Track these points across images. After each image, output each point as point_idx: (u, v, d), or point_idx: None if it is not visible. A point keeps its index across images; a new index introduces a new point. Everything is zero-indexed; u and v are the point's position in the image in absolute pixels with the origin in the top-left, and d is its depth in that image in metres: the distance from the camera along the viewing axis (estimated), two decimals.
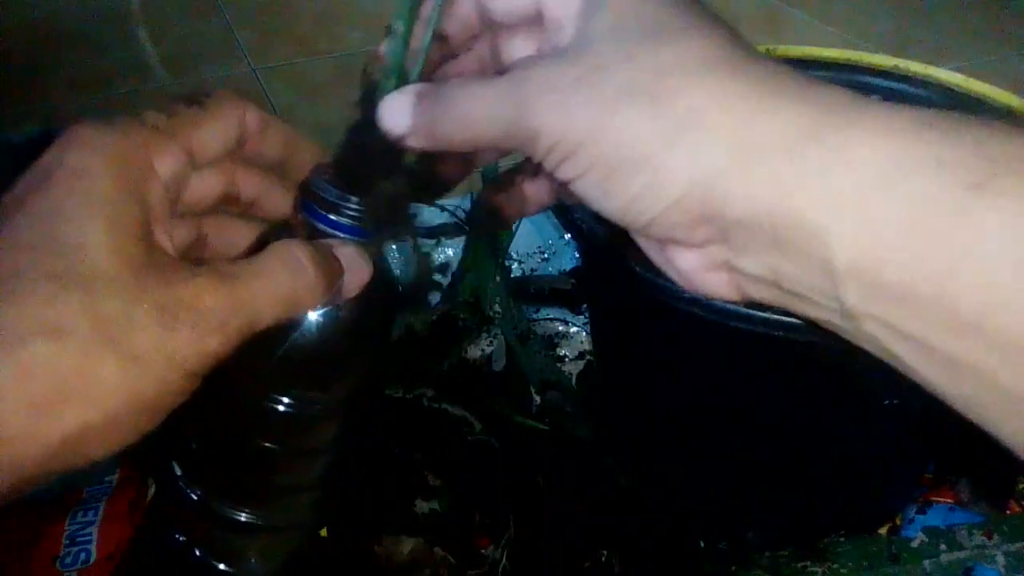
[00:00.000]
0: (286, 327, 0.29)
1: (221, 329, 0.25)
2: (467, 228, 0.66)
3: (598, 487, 0.52)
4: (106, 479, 0.54)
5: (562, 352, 0.64)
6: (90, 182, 0.25)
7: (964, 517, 0.50)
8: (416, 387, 0.58)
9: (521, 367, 0.60)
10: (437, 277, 0.67)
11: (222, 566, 0.33)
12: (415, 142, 0.28)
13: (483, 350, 0.63)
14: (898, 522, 0.51)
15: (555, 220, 0.45)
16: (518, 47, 0.31)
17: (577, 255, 0.72)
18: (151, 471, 0.50)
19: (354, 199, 0.29)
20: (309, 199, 0.29)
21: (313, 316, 0.29)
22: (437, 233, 0.68)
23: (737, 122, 0.24)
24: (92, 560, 0.50)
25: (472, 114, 0.27)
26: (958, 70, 0.48)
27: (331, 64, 1.27)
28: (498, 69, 0.31)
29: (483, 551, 0.49)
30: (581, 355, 0.63)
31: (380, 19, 0.30)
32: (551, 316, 0.67)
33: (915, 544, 0.48)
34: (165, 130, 0.28)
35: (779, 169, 0.23)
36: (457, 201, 0.69)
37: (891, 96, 0.48)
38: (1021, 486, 0.52)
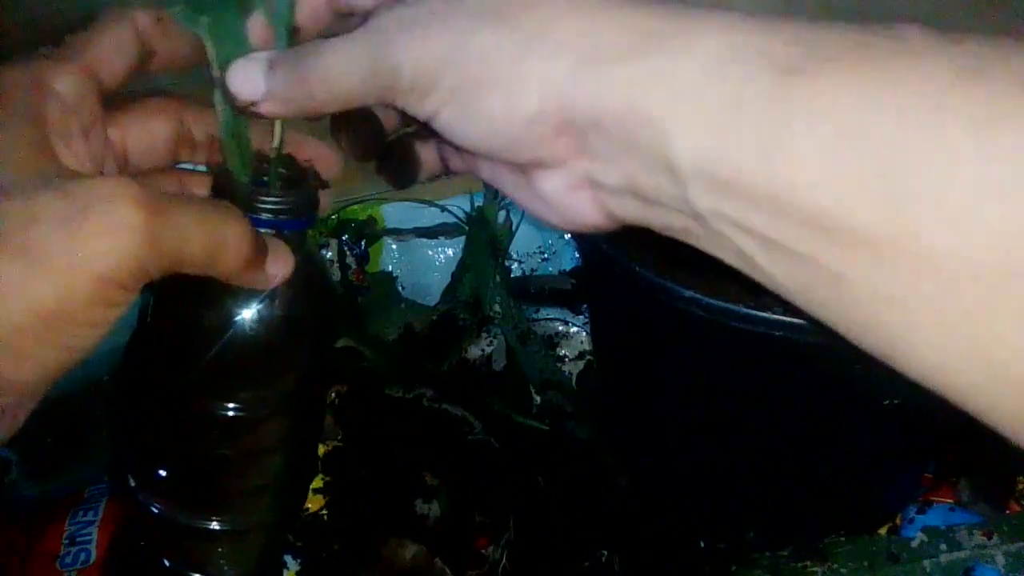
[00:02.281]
0: (221, 328, 0.28)
1: (138, 232, 0.23)
2: (467, 228, 0.66)
3: (598, 487, 0.52)
4: (106, 479, 0.55)
5: (562, 352, 0.64)
6: None
7: (964, 517, 0.50)
8: (416, 387, 0.58)
9: (521, 367, 0.60)
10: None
11: (196, 575, 0.33)
12: (270, 108, 0.27)
13: (483, 350, 0.63)
14: (898, 522, 0.51)
15: None
16: None
17: (577, 255, 0.72)
18: (113, 490, 0.50)
19: (263, 192, 0.29)
20: (220, 196, 0.29)
21: (247, 314, 0.28)
22: (437, 233, 0.68)
23: (585, 28, 0.24)
24: (92, 560, 0.50)
25: (332, 67, 0.26)
26: None
27: None
28: None
29: (483, 551, 0.49)
30: (581, 355, 0.63)
31: None
32: (551, 316, 0.67)
33: (915, 544, 0.48)
34: (55, 55, 0.27)
35: (626, 69, 0.24)
36: (457, 201, 0.69)
37: None
38: (1021, 486, 0.52)
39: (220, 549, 0.34)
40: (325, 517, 0.52)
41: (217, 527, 0.32)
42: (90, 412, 0.53)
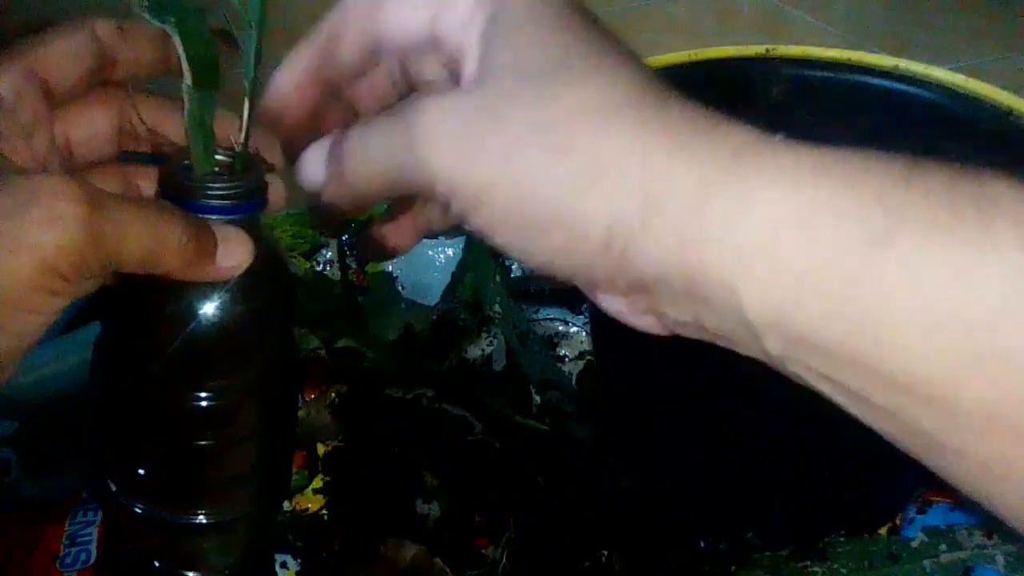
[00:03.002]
0: (185, 318, 0.28)
1: (78, 225, 0.23)
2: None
3: (598, 487, 0.52)
4: (85, 492, 0.54)
5: (562, 352, 0.64)
6: None
7: (964, 517, 0.50)
8: (416, 387, 0.58)
9: (521, 367, 0.60)
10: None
11: (187, 572, 0.33)
12: (332, 198, 0.27)
13: (483, 350, 0.63)
14: (898, 522, 0.51)
15: None
16: (427, 68, 0.29)
17: None
18: (92, 493, 0.50)
19: (212, 179, 0.29)
20: (167, 187, 0.29)
21: (209, 303, 0.28)
22: (437, 233, 0.68)
23: (645, 171, 0.23)
24: (92, 560, 0.50)
25: (367, 163, 0.26)
26: (958, 70, 0.48)
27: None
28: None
29: (483, 551, 0.49)
30: (581, 355, 0.63)
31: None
32: (551, 316, 0.67)
33: (915, 544, 0.48)
34: (3, 54, 0.27)
35: (686, 224, 0.23)
36: None
37: (891, 96, 0.48)
38: None
39: (207, 543, 0.33)
40: (325, 517, 0.52)
41: (202, 521, 0.32)
42: (90, 412, 0.53)
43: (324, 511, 0.52)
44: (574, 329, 0.66)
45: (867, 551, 0.47)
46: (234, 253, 0.28)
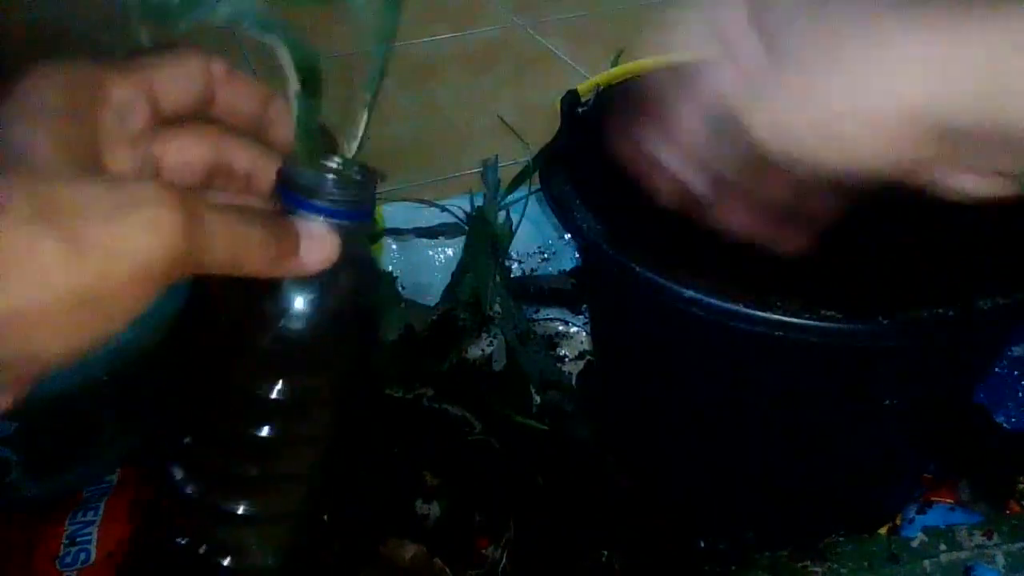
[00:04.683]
0: (272, 314, 0.29)
1: (175, 234, 0.24)
2: (467, 228, 0.66)
3: (598, 487, 0.52)
4: (106, 479, 0.55)
5: (562, 352, 0.64)
6: (39, 99, 0.25)
7: (964, 517, 0.50)
8: (416, 387, 0.58)
9: (521, 367, 0.60)
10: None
11: (225, 561, 0.33)
12: None
13: (483, 350, 0.63)
14: (898, 522, 0.51)
15: (555, 220, 0.45)
16: None
17: (577, 255, 0.72)
18: (149, 473, 0.50)
19: (330, 183, 0.30)
20: (281, 182, 0.30)
21: (297, 302, 0.29)
22: (437, 233, 0.68)
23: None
24: (92, 559, 0.50)
25: None
26: None
27: (331, 63, 1.27)
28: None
29: (483, 551, 0.49)
30: (581, 355, 0.63)
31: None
32: (551, 316, 0.67)
33: (915, 544, 0.48)
34: (121, 66, 0.28)
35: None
36: (457, 201, 0.69)
37: None
38: (1021, 486, 0.52)
39: (253, 536, 0.34)
40: (325, 517, 0.52)
41: (252, 512, 0.33)
42: (90, 412, 0.53)
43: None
44: (574, 329, 0.66)
45: (867, 551, 0.47)
46: (317, 251, 0.29)
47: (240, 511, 0.32)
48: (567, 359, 0.63)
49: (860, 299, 0.43)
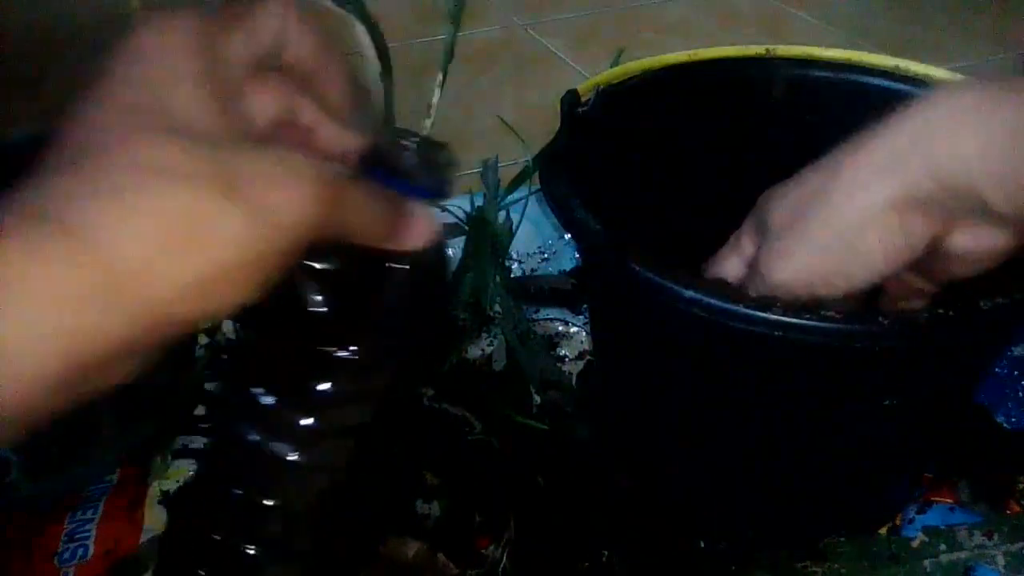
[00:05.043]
0: (367, 282, 0.31)
1: (328, 201, 0.26)
2: (467, 228, 0.66)
3: (598, 487, 0.52)
4: (106, 479, 0.55)
5: (562, 352, 0.64)
6: (174, 58, 0.26)
7: (964, 517, 0.50)
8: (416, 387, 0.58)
9: (521, 367, 0.60)
10: None
11: (265, 501, 0.35)
12: None
13: (483, 350, 0.63)
14: (898, 522, 0.51)
15: (555, 220, 0.45)
16: None
17: (577, 255, 0.72)
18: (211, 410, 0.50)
19: (419, 160, 0.32)
20: (372, 161, 0.31)
21: (394, 274, 0.32)
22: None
23: None
24: (90, 555, 0.50)
25: None
26: (958, 70, 0.48)
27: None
28: None
29: (483, 551, 0.49)
30: (581, 355, 0.63)
31: (379, 18, 0.30)
32: (551, 316, 0.67)
33: (915, 544, 0.48)
34: (223, 18, 0.28)
35: None
36: (457, 201, 0.69)
37: (891, 96, 0.48)
38: (1021, 486, 0.52)
39: (294, 482, 0.35)
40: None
41: (297, 459, 0.34)
42: (90, 412, 0.53)
43: None
44: (574, 329, 0.66)
45: (867, 551, 0.47)
46: (423, 229, 0.31)
47: (289, 457, 0.34)
48: (567, 359, 0.63)
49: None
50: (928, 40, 1.32)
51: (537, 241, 0.73)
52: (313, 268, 0.31)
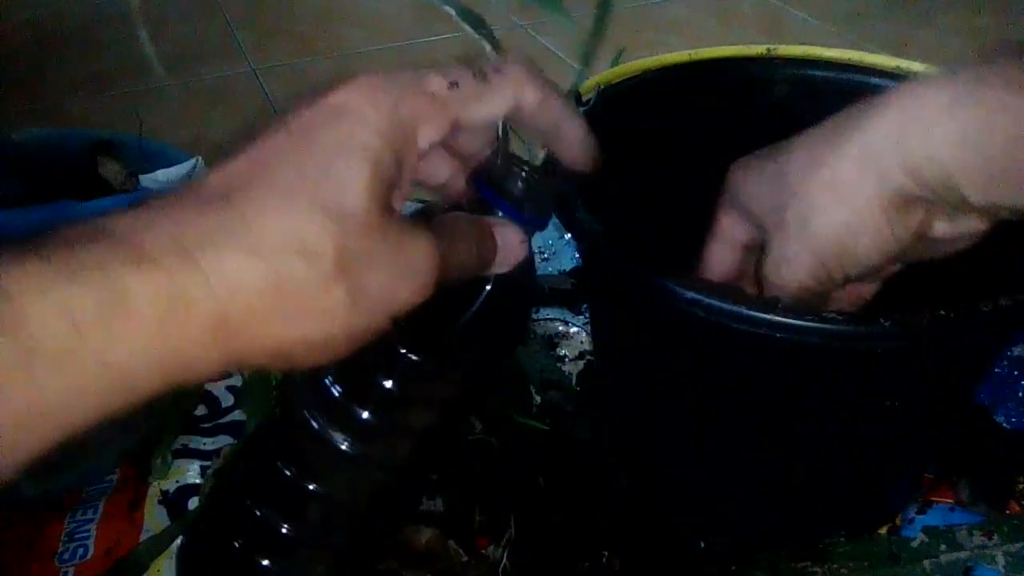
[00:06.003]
0: (452, 300, 0.32)
1: (428, 285, 0.28)
2: None
3: (598, 487, 0.52)
4: (107, 479, 0.55)
5: (562, 352, 0.64)
6: (367, 135, 0.27)
7: (964, 517, 0.50)
8: None
9: (521, 367, 0.60)
10: None
11: (312, 486, 0.36)
12: None
13: None
14: (898, 522, 0.51)
15: (555, 220, 0.45)
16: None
17: (577, 255, 0.72)
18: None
19: (527, 188, 0.33)
20: (485, 183, 0.33)
21: (481, 291, 0.33)
22: None
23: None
24: (90, 555, 0.50)
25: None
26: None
27: (331, 64, 1.27)
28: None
29: (483, 551, 0.49)
30: (581, 355, 0.63)
31: (379, 19, 0.30)
32: (551, 316, 0.67)
33: (915, 544, 0.48)
34: (440, 101, 0.29)
35: None
36: None
37: None
38: (1021, 486, 0.52)
39: (342, 473, 0.36)
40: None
41: (350, 451, 0.35)
42: None
43: None
44: (574, 329, 0.66)
45: (867, 551, 0.47)
46: (511, 257, 0.33)
47: (342, 447, 0.35)
48: (567, 359, 0.63)
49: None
50: (928, 40, 1.32)
51: (537, 241, 0.73)
52: None
